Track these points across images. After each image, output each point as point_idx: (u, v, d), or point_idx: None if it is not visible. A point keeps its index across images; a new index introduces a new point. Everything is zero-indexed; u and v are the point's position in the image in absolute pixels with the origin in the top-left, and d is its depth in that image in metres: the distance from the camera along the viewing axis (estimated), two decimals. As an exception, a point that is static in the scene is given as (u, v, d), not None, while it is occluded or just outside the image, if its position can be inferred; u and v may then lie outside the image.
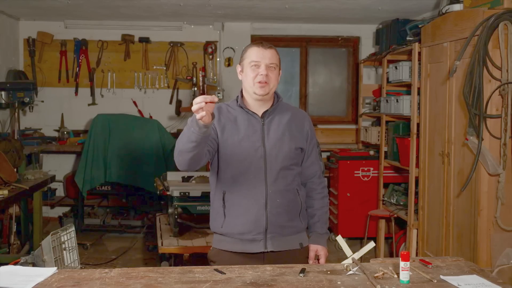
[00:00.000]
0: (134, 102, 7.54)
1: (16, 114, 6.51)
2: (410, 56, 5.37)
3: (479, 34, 3.78)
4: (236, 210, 2.91)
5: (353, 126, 7.70)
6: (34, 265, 2.99)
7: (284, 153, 2.92)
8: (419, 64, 5.04)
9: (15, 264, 2.89)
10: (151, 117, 7.36)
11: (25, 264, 2.97)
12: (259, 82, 2.90)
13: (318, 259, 3.25)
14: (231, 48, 7.59)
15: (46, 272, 2.58)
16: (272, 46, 3.00)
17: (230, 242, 2.95)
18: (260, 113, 2.94)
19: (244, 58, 2.96)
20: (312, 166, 3.10)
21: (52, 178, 5.98)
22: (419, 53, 5.03)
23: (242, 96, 3.04)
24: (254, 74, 2.90)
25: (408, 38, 5.69)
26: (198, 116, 2.44)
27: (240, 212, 2.90)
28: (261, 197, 2.87)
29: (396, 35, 6.13)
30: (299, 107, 7.66)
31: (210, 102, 2.43)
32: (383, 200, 6.17)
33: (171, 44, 7.55)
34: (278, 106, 3.01)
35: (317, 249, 3.24)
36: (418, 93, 5.07)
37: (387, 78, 6.10)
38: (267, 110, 2.95)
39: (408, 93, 5.57)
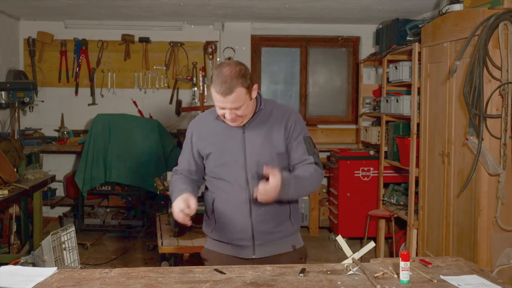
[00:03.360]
0: (134, 102, 7.54)
1: (16, 114, 6.51)
2: (410, 56, 5.37)
3: (479, 34, 3.78)
4: (224, 218, 2.94)
5: (353, 126, 7.70)
6: (34, 265, 2.99)
7: (265, 161, 2.84)
8: (419, 64, 5.04)
9: (15, 264, 2.89)
10: (151, 117, 7.36)
11: (25, 264, 2.97)
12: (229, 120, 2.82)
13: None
14: (231, 48, 7.59)
15: (46, 272, 2.58)
16: (232, 88, 2.66)
17: (220, 246, 3.00)
18: None
19: (210, 88, 2.76)
20: (302, 157, 2.91)
21: (52, 178, 5.98)
22: (419, 53, 5.03)
23: None
24: (220, 113, 2.80)
25: (408, 38, 5.69)
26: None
27: (228, 220, 2.93)
28: (244, 206, 2.87)
29: (396, 35, 6.13)
30: (297, 107, 7.68)
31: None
32: (383, 200, 6.17)
33: (171, 44, 7.55)
34: (260, 112, 2.90)
35: (271, 170, 2.64)
36: (418, 93, 5.07)
37: (387, 78, 6.10)
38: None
39: (408, 93, 5.57)
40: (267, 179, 2.61)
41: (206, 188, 3.07)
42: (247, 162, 2.87)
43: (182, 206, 2.68)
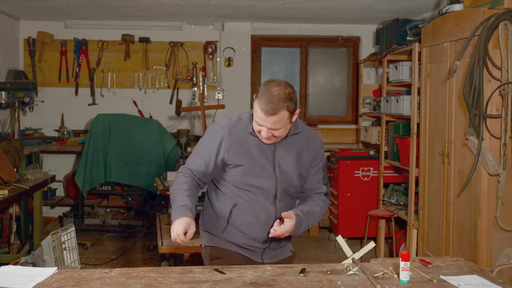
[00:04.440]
0: (134, 102, 7.54)
1: (16, 114, 6.51)
2: (410, 56, 5.37)
3: (479, 34, 3.78)
4: (241, 224, 2.96)
5: (353, 126, 7.70)
6: (34, 265, 3.00)
7: (292, 180, 2.95)
8: (419, 64, 5.04)
9: (15, 264, 2.89)
10: (151, 117, 7.36)
11: (25, 264, 2.97)
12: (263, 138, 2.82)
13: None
14: (231, 48, 7.59)
15: (46, 272, 2.58)
16: (277, 109, 2.67)
17: (232, 246, 3.01)
18: None
19: (254, 102, 2.76)
20: (317, 185, 3.05)
21: (52, 178, 5.97)
22: (419, 53, 5.03)
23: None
24: (257, 129, 2.79)
25: (408, 38, 5.69)
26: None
27: (245, 227, 2.95)
28: (269, 219, 2.91)
29: (396, 35, 6.13)
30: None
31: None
32: (383, 200, 6.17)
33: (171, 44, 7.54)
34: (294, 135, 2.92)
35: (288, 215, 2.80)
36: (418, 93, 5.07)
37: (387, 78, 6.10)
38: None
39: (408, 93, 5.57)
40: (281, 219, 2.80)
41: (216, 189, 3.03)
42: (277, 180, 2.91)
43: (181, 232, 2.65)
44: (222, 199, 2.99)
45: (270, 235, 2.79)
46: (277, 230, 2.76)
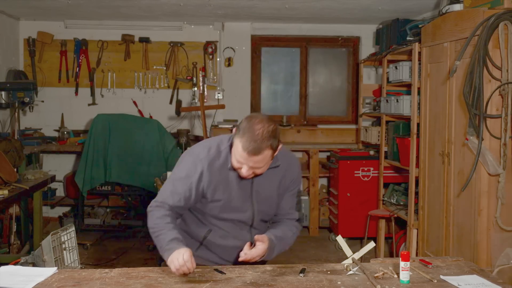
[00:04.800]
0: (134, 102, 7.54)
1: (16, 114, 6.51)
2: (410, 56, 5.37)
3: (479, 34, 3.78)
4: (214, 247, 2.93)
5: (353, 126, 7.70)
6: (34, 265, 3.00)
7: (272, 210, 2.93)
8: (419, 64, 5.04)
9: (16, 264, 2.90)
10: (151, 117, 7.36)
11: (25, 264, 2.98)
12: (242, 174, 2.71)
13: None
14: (231, 48, 7.59)
15: (46, 272, 2.59)
16: (261, 149, 2.56)
17: (202, 261, 2.90)
18: None
19: (235, 138, 2.63)
20: (289, 210, 2.96)
21: (52, 178, 5.97)
22: (419, 53, 5.03)
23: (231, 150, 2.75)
24: (237, 166, 2.68)
25: (408, 38, 5.69)
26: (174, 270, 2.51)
27: (218, 250, 2.93)
28: (243, 245, 2.75)
29: (396, 35, 6.13)
30: (297, 107, 7.68)
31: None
32: (383, 200, 6.17)
33: (171, 44, 7.55)
34: (273, 167, 2.83)
35: (261, 238, 2.69)
36: (418, 93, 5.07)
37: (387, 78, 6.10)
38: None
39: (408, 93, 5.57)
40: (253, 243, 2.68)
41: (190, 213, 2.94)
42: (255, 212, 2.87)
43: (189, 258, 2.49)
44: (197, 223, 2.93)
45: (239, 259, 2.64)
46: (248, 253, 2.62)
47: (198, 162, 2.76)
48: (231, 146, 2.73)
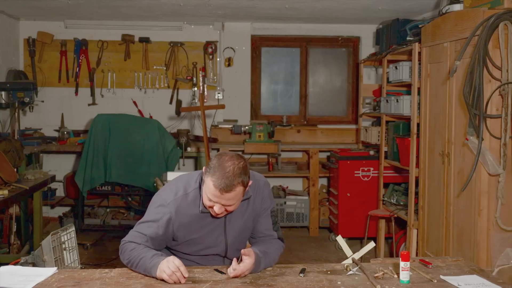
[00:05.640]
0: (134, 102, 7.54)
1: (16, 114, 6.51)
2: (410, 56, 5.37)
3: (479, 34, 3.78)
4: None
5: (353, 126, 7.70)
6: (34, 265, 3.00)
7: (244, 240, 2.94)
8: (419, 64, 5.04)
9: (15, 264, 2.90)
10: (151, 117, 7.36)
11: (25, 264, 2.98)
12: (214, 213, 2.70)
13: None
14: (231, 48, 7.59)
15: (46, 272, 2.59)
16: (233, 186, 2.56)
17: None
18: None
19: (206, 177, 2.61)
20: (267, 232, 2.93)
21: (52, 178, 5.97)
22: (419, 53, 5.03)
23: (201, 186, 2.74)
24: (209, 204, 2.66)
25: (408, 38, 5.69)
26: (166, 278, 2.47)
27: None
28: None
29: (396, 35, 6.13)
30: (297, 107, 7.68)
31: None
32: (383, 200, 6.17)
33: (171, 44, 7.55)
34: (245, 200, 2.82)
35: (247, 252, 2.64)
36: (418, 93, 5.07)
37: (387, 78, 6.10)
38: None
39: (408, 93, 5.57)
40: (240, 258, 2.64)
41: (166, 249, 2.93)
42: (228, 245, 2.87)
43: (180, 264, 2.49)
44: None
45: (231, 275, 2.57)
46: (237, 269, 2.57)
47: (166, 208, 2.73)
48: (199, 186, 2.74)
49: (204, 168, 2.65)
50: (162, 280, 2.49)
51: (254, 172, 2.89)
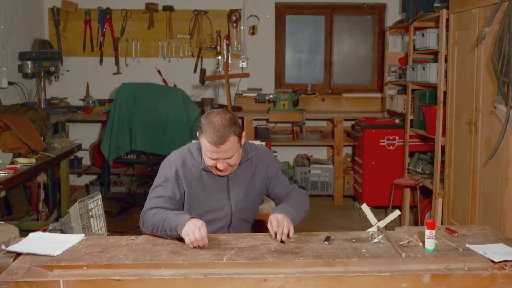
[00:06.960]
0: (159, 71, 7.55)
1: (42, 83, 6.56)
2: (438, 23, 5.27)
3: (509, 0, 3.69)
4: None
5: (379, 95, 7.63)
6: (62, 231, 3.05)
7: (250, 207, 3.00)
8: (447, 31, 4.95)
9: (44, 230, 2.94)
10: (175, 85, 7.37)
11: (53, 230, 3.02)
12: (219, 170, 2.79)
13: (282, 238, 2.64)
14: (255, 16, 7.53)
15: (74, 239, 2.63)
16: (225, 137, 2.65)
17: None
18: None
19: (200, 138, 2.73)
20: (287, 189, 3.03)
21: (79, 147, 6.04)
22: (447, 20, 4.94)
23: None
24: (211, 163, 2.76)
25: (435, 5, 5.56)
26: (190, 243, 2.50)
27: None
28: None
29: (424, 2, 6.00)
30: (322, 76, 7.63)
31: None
32: (408, 169, 6.14)
33: (195, 12, 7.50)
34: (246, 161, 2.94)
35: (277, 217, 2.67)
36: (445, 61, 5.00)
37: (414, 46, 6.01)
38: None
39: (435, 60, 5.48)
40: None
41: None
42: (232, 212, 2.93)
43: (205, 234, 2.52)
44: None
45: (282, 239, 2.58)
46: (278, 230, 2.60)
47: (172, 163, 2.88)
48: (200, 150, 2.83)
49: (197, 132, 2.75)
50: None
51: (257, 145, 3.10)
